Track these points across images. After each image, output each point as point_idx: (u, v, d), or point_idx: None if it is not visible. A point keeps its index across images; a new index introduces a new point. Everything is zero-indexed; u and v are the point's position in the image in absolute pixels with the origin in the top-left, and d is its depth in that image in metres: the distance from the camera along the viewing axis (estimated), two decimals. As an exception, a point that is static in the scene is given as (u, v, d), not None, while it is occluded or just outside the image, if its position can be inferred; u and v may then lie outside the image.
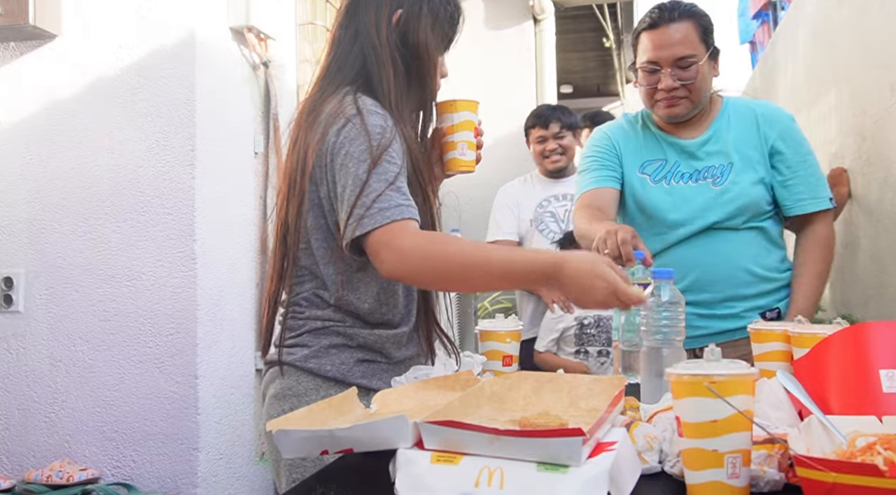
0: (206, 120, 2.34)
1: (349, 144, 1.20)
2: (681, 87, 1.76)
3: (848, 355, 1.04)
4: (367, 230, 1.16)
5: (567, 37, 5.88)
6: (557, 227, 3.02)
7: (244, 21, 2.49)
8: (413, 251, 1.15)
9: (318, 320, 1.28)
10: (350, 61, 1.32)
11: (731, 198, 1.76)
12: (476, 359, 1.33)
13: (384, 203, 1.16)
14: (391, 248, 1.15)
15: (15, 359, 2.38)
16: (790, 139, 1.79)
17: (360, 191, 1.17)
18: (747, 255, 1.76)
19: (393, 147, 1.21)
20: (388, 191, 1.17)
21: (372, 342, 1.28)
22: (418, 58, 1.32)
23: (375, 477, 0.91)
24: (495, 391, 1.10)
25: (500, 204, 3.19)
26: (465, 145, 1.36)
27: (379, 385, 1.26)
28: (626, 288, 1.14)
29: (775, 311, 1.77)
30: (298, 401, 1.25)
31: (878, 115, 2.77)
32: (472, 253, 1.18)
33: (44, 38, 2.37)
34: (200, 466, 2.27)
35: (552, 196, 3.09)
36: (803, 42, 4.13)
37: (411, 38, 1.31)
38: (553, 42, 4.64)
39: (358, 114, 1.22)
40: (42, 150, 2.38)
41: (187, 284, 2.28)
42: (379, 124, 1.22)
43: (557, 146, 3.04)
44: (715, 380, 0.79)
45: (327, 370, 1.26)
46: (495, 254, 1.20)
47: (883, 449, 0.78)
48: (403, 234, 1.16)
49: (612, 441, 0.86)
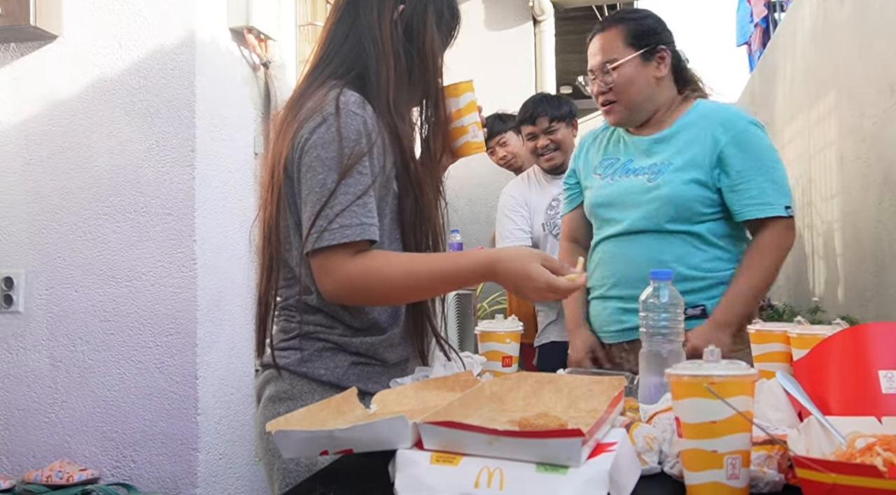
0: (206, 120, 2.34)
1: (321, 148, 1.16)
2: (608, 91, 1.84)
3: (847, 356, 1.04)
4: (323, 245, 1.14)
5: (567, 38, 5.88)
6: None
7: (244, 21, 2.49)
8: (346, 280, 1.16)
9: (309, 325, 1.26)
10: (343, 55, 1.28)
11: (659, 194, 1.78)
12: (476, 360, 1.33)
13: (346, 219, 1.14)
14: (328, 274, 1.16)
15: (15, 359, 2.38)
16: (744, 144, 1.77)
17: (325, 202, 1.14)
18: (673, 254, 1.77)
19: (370, 156, 1.18)
20: (353, 207, 1.15)
21: (364, 349, 1.26)
22: (423, 55, 1.30)
23: (375, 478, 0.91)
24: (495, 391, 1.10)
25: (507, 207, 2.82)
26: (475, 127, 1.35)
27: (375, 388, 1.23)
28: (557, 281, 1.15)
29: (699, 308, 1.76)
30: (294, 404, 1.23)
31: (877, 116, 2.77)
32: (403, 274, 1.18)
33: (44, 39, 2.37)
34: (200, 467, 2.27)
35: (560, 196, 2.83)
36: (802, 43, 4.13)
37: (417, 35, 1.29)
38: (553, 43, 4.64)
39: (336, 113, 1.17)
40: (42, 150, 2.38)
41: (187, 284, 2.28)
42: (356, 129, 1.17)
43: (549, 142, 2.72)
44: (715, 381, 0.79)
45: (321, 374, 1.24)
46: (425, 271, 1.19)
47: (882, 450, 0.78)
48: (344, 262, 1.15)
49: (612, 441, 0.86)
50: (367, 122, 1.19)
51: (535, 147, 2.76)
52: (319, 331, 1.25)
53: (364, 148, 1.17)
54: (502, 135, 3.13)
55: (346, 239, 1.14)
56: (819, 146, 3.85)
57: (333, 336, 1.25)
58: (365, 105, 1.21)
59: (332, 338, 1.25)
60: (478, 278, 1.21)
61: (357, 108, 1.19)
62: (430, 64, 1.31)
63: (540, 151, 2.74)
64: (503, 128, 3.12)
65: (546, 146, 2.72)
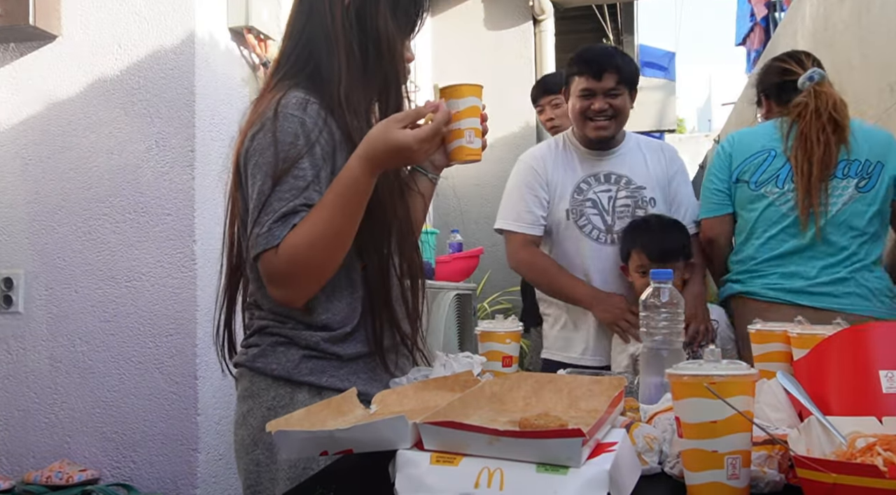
0: (206, 120, 2.34)
1: (258, 154, 1.17)
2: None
3: (847, 356, 1.04)
4: (258, 251, 1.15)
5: (567, 37, 5.87)
6: (602, 222, 2.19)
7: (244, 21, 2.49)
8: (278, 276, 1.15)
9: (263, 320, 1.26)
10: (297, 52, 1.26)
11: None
12: (476, 360, 1.33)
13: (277, 226, 1.14)
14: (267, 278, 1.17)
15: (15, 360, 2.38)
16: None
17: (260, 209, 1.15)
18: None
19: (311, 155, 1.16)
20: (283, 210, 1.14)
21: (314, 342, 1.23)
22: (377, 43, 1.23)
23: (375, 478, 0.91)
24: (495, 392, 1.10)
25: (522, 181, 2.26)
26: (472, 133, 1.27)
27: (330, 382, 1.22)
28: (425, 131, 1.15)
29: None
30: (254, 402, 1.23)
31: (877, 116, 2.77)
32: (310, 228, 1.14)
33: (44, 39, 2.37)
34: (200, 467, 2.27)
35: (592, 176, 2.22)
36: (802, 43, 4.13)
37: (369, 23, 1.23)
38: (553, 43, 4.64)
39: (273, 117, 1.16)
40: (42, 150, 2.38)
41: (187, 285, 2.28)
42: (292, 131, 1.16)
43: (608, 106, 2.13)
44: (715, 381, 0.79)
45: (273, 368, 1.22)
46: (323, 210, 1.15)
47: (883, 450, 0.78)
48: (273, 260, 1.14)
49: (612, 442, 0.86)
50: (306, 122, 1.17)
51: (585, 108, 2.14)
52: (272, 325, 1.24)
53: (302, 149, 1.16)
54: (558, 95, 2.85)
55: (277, 240, 1.13)
56: (819, 146, 3.84)
57: (285, 329, 1.23)
58: (307, 105, 1.18)
59: (284, 331, 1.23)
60: (366, 179, 1.15)
61: (296, 110, 1.17)
62: (386, 52, 1.24)
63: (592, 115, 2.14)
64: (561, 88, 2.60)
65: (603, 111, 2.13)
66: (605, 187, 2.21)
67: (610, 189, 2.20)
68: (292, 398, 1.21)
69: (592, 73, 2.12)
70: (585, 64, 2.14)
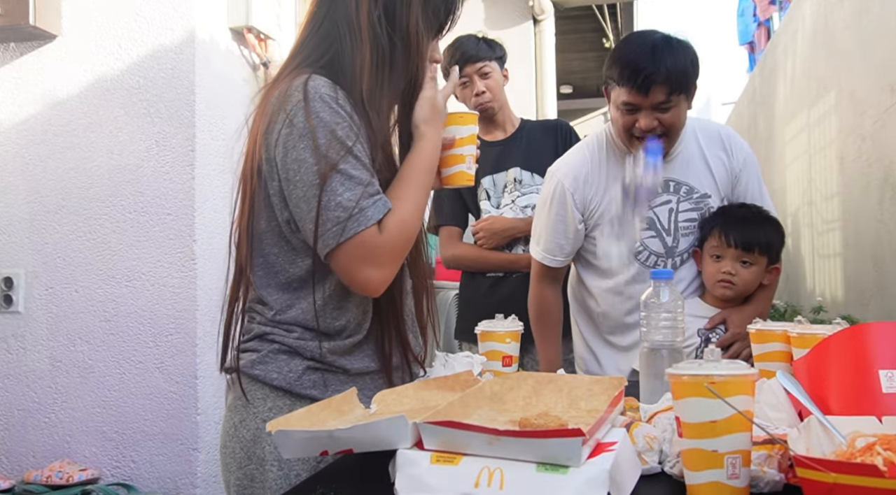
0: (206, 120, 2.34)
1: (305, 138, 1.09)
2: None
3: (847, 355, 1.04)
4: (356, 231, 1.09)
5: (567, 37, 5.88)
6: (661, 245, 1.79)
7: (244, 21, 2.49)
8: (385, 251, 1.12)
9: (266, 326, 1.19)
10: (318, 40, 1.19)
11: None
12: (476, 360, 1.33)
13: (369, 205, 1.10)
14: (364, 259, 1.11)
15: (15, 359, 2.38)
16: None
17: (334, 190, 1.08)
18: None
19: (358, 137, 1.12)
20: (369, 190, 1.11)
21: (320, 354, 1.16)
22: (405, 40, 1.18)
23: (375, 478, 0.91)
24: (495, 391, 1.10)
25: (553, 210, 1.85)
26: (472, 159, 1.31)
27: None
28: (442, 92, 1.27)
29: None
30: (247, 413, 1.16)
31: (877, 116, 2.77)
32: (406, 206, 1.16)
33: (44, 39, 2.37)
34: (200, 466, 2.27)
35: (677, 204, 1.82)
36: (803, 43, 4.13)
37: (399, 18, 1.18)
38: (553, 42, 4.64)
39: (305, 100, 1.09)
40: (42, 150, 2.38)
41: (187, 284, 2.28)
42: (336, 112, 1.10)
43: (657, 123, 1.68)
44: (715, 381, 0.79)
45: (273, 378, 1.15)
46: (411, 180, 1.19)
47: (882, 450, 0.78)
48: (375, 238, 1.11)
49: (612, 441, 0.86)
50: (342, 102, 1.13)
51: (629, 125, 1.71)
52: (276, 333, 1.17)
53: (352, 128, 1.12)
54: (487, 62, 2.39)
55: (353, 232, 1.09)
56: (819, 146, 3.85)
57: (290, 339, 1.17)
58: (336, 90, 1.13)
59: (289, 341, 1.17)
60: (433, 142, 1.23)
61: (330, 90, 1.12)
62: (413, 49, 1.19)
63: (638, 133, 1.71)
64: (490, 55, 2.39)
65: (651, 129, 1.69)
66: (662, 199, 1.79)
67: (669, 200, 1.79)
68: (291, 411, 1.14)
69: (637, 87, 1.64)
70: (628, 77, 1.64)
